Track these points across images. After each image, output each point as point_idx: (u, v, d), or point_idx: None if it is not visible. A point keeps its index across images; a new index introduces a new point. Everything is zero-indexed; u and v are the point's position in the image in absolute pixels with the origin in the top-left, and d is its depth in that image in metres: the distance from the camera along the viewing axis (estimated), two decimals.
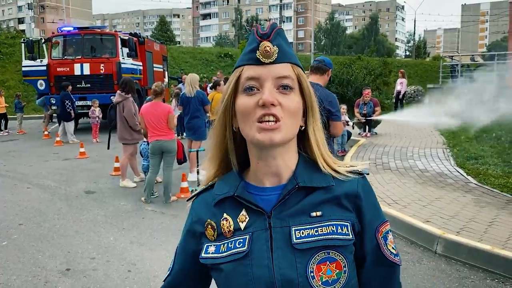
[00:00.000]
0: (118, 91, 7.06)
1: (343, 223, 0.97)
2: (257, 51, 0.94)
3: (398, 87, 16.44)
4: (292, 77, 0.96)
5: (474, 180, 6.49)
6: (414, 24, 61.73)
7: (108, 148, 7.94)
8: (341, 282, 0.93)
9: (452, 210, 5.12)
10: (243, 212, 0.99)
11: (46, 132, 13.64)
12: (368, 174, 1.05)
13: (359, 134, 11.51)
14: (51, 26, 67.21)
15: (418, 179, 6.65)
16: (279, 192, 0.98)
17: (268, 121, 0.91)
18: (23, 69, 14.81)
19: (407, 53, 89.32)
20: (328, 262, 0.93)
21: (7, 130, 14.87)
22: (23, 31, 54.70)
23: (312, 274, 0.92)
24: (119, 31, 16.29)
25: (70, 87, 12.88)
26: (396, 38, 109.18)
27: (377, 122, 11.72)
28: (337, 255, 0.94)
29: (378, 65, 21.53)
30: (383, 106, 18.17)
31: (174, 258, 1.13)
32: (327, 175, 0.99)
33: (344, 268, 0.94)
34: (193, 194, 1.11)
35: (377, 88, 19.09)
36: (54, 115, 15.16)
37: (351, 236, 0.96)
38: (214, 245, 1.00)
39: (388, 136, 11.31)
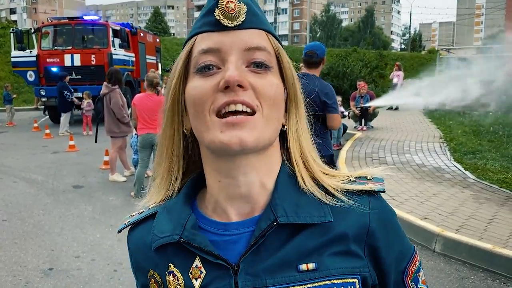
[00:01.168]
0: (105, 83, 6.83)
1: (349, 280, 0.64)
2: (216, 10, 0.63)
3: (395, 80, 16.28)
4: (268, 49, 0.65)
5: (472, 175, 6.35)
6: (410, 17, 61.63)
7: (96, 141, 7.72)
8: None
9: (451, 206, 4.97)
10: (197, 262, 0.66)
11: (35, 125, 13.37)
12: (383, 191, 0.71)
13: (355, 127, 11.36)
14: (44, 16, 66.49)
15: (416, 174, 6.50)
16: (251, 230, 0.65)
17: (236, 111, 0.61)
18: (12, 59, 14.53)
19: (403, 46, 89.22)
20: None
21: None
22: (15, 21, 54.03)
23: None
24: (111, 22, 16.01)
25: (68, 77, 12.63)
26: (391, 31, 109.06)
27: (373, 116, 11.56)
28: None
29: (374, 58, 21.35)
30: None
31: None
32: (323, 203, 0.66)
33: None
34: (125, 224, 0.76)
35: (373, 81, 18.95)
36: (42, 106, 14.92)
37: None
38: None
39: (385, 130, 11.16)
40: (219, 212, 0.68)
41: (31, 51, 14.14)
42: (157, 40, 20.16)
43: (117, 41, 14.29)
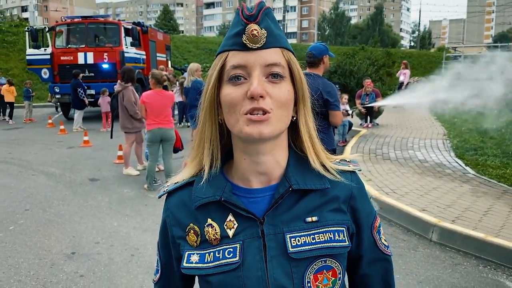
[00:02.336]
0: (119, 81, 7.15)
1: (339, 228, 0.91)
2: (243, 35, 0.84)
3: (401, 78, 16.43)
4: (282, 64, 0.86)
5: (472, 171, 6.58)
6: (419, 14, 61.38)
7: (111, 137, 8.05)
8: None
9: (449, 199, 5.22)
10: (230, 217, 0.90)
11: (50, 121, 13.76)
12: (360, 170, 1.00)
13: (361, 125, 11.58)
14: (55, 14, 67.14)
15: (417, 169, 6.74)
16: (270, 194, 0.90)
17: (257, 113, 0.83)
18: (27, 57, 14.89)
19: (412, 43, 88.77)
20: (325, 271, 0.89)
21: (7, 118, 14.98)
22: (27, 19, 54.60)
23: (309, 284, 0.87)
24: (123, 20, 16.32)
25: (81, 75, 12.94)
26: (401, 29, 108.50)
27: (379, 113, 11.78)
28: (334, 262, 0.90)
29: (381, 56, 21.48)
30: (387, 97, 18.21)
31: (159, 261, 1.06)
32: (322, 175, 0.92)
33: (339, 275, 0.91)
34: (166, 190, 0.99)
35: (380, 79, 19.11)
36: (57, 103, 15.29)
37: (347, 243, 0.91)
38: (197, 253, 0.92)
39: (390, 127, 11.38)
40: (244, 181, 0.93)
41: (45, 49, 14.52)
42: (167, 38, 20.49)
43: (128, 39, 14.61)
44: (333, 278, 0.90)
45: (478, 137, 9.17)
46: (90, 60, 14.11)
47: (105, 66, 13.99)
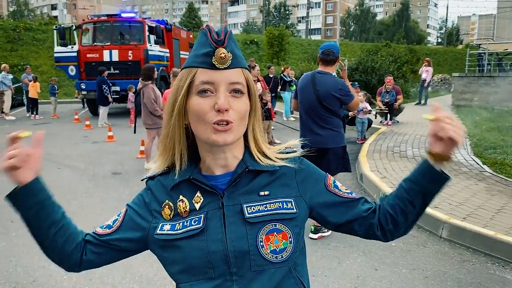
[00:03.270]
0: (140, 79, 7.39)
1: (287, 199, 1.09)
2: (213, 57, 1.00)
3: (423, 75, 16.25)
4: (242, 82, 1.03)
5: (489, 169, 6.54)
6: (447, 10, 60.14)
7: (135, 132, 8.29)
8: (287, 251, 1.05)
9: (462, 197, 5.23)
10: (198, 194, 1.09)
11: (76, 117, 14.20)
12: (295, 151, 1.17)
13: (381, 122, 11.56)
14: (83, 12, 68.58)
15: None
16: (229, 178, 1.09)
17: (222, 124, 0.99)
18: (55, 55, 15.34)
19: (439, 40, 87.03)
20: (275, 233, 1.04)
21: (36, 114, 15.50)
22: (56, 17, 55.99)
23: (261, 243, 1.03)
24: (147, 19, 16.64)
25: (106, 72, 13.30)
26: (427, 25, 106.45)
27: (399, 110, 11.72)
28: (283, 227, 1.05)
29: (404, 53, 21.24)
30: (409, 94, 18.05)
31: (123, 217, 1.18)
32: (272, 161, 1.12)
33: (290, 239, 1.06)
34: (148, 175, 1.18)
35: (403, 76, 18.91)
36: (82, 99, 15.72)
37: (295, 210, 1.08)
38: (169, 224, 1.09)
39: (409, 125, 11.32)
40: (209, 171, 1.11)
41: (72, 47, 14.96)
42: (191, 36, 20.77)
43: (152, 37, 14.89)
44: (284, 241, 1.05)
45: (499, 136, 9.06)
46: (115, 57, 14.46)
47: (130, 63, 14.32)
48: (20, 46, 26.91)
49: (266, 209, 1.06)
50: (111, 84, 13.40)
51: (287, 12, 79.21)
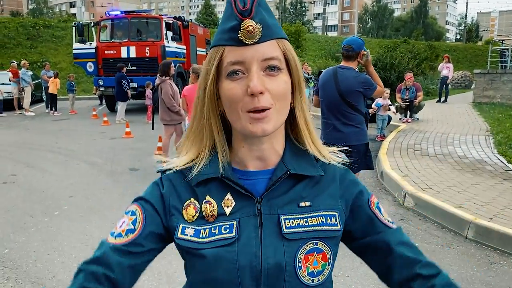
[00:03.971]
0: (158, 75, 7.37)
1: (332, 213, 0.94)
2: (239, 32, 0.85)
3: (444, 72, 15.92)
4: (279, 56, 0.87)
5: None
6: (466, 6, 59.07)
7: (153, 128, 8.29)
8: (324, 274, 0.92)
9: (487, 196, 5.08)
10: (229, 196, 0.92)
11: (94, 113, 14.30)
12: (349, 162, 1.02)
13: (400, 119, 11.36)
14: (101, 9, 69.24)
15: (456, 165, 6.58)
16: (266, 177, 0.93)
17: (258, 111, 0.85)
18: (74, 51, 15.49)
19: (458, 36, 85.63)
20: (315, 253, 0.91)
21: (55, 111, 15.67)
22: (74, 14, 56.65)
23: (299, 264, 0.89)
24: (164, 15, 16.68)
25: (124, 68, 13.31)
26: (446, 21, 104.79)
27: (419, 108, 11.51)
28: (324, 246, 0.92)
29: (423, 49, 20.90)
30: (428, 91, 17.77)
31: (143, 214, 0.95)
32: (315, 162, 0.96)
33: (329, 260, 0.93)
34: (166, 167, 0.99)
35: (422, 73, 18.62)
36: (99, 95, 15.85)
37: (339, 227, 0.94)
38: (192, 228, 0.91)
39: (430, 122, 11.11)
40: (241, 165, 0.96)
41: (90, 44, 15.07)
42: (207, 32, 20.76)
43: (169, 34, 14.91)
44: (322, 262, 0.91)
45: None
46: (133, 54, 14.53)
47: (147, 60, 14.36)
48: (40, 43, 27.26)
49: (307, 224, 0.91)
50: (130, 80, 13.43)
51: (303, 8, 78.81)
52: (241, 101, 0.85)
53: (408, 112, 11.34)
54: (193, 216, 0.92)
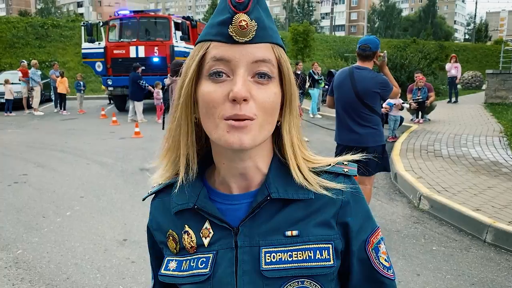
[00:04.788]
0: (169, 75, 7.35)
1: (323, 245, 0.79)
2: (230, 26, 0.73)
3: (453, 72, 15.75)
4: (272, 61, 0.75)
5: None
6: (476, 6, 58.64)
7: (163, 128, 8.28)
8: None
9: (505, 199, 4.98)
10: (207, 225, 0.82)
11: (103, 112, 14.31)
12: (355, 175, 0.86)
13: (412, 120, 11.25)
14: (108, 9, 69.55)
15: (471, 167, 6.48)
16: (249, 201, 0.81)
17: (238, 119, 0.72)
18: (83, 51, 15.49)
19: (467, 36, 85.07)
20: None
21: (64, 109, 15.73)
22: (82, 14, 56.93)
23: None
24: (172, 15, 16.66)
25: (140, 69, 13.15)
26: (455, 21, 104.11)
27: (431, 108, 11.39)
28: (313, 284, 0.79)
29: (434, 49, 20.73)
30: (439, 91, 17.60)
31: (152, 268, 0.99)
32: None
33: None
34: (149, 192, 0.93)
35: (432, 73, 18.46)
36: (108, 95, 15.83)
37: (332, 262, 0.79)
38: (175, 260, 0.86)
39: (442, 123, 10.99)
40: (224, 186, 0.84)
41: (99, 43, 15.08)
42: None
43: (178, 33, 14.88)
44: None
45: None
46: (142, 53, 14.50)
47: (156, 59, 14.34)
48: (48, 42, 27.40)
49: (292, 259, 0.77)
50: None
51: (311, 8, 78.65)
52: (220, 107, 0.73)
53: (420, 113, 11.22)
54: (174, 248, 0.86)
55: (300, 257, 0.78)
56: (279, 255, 0.78)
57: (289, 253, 0.78)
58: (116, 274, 3.66)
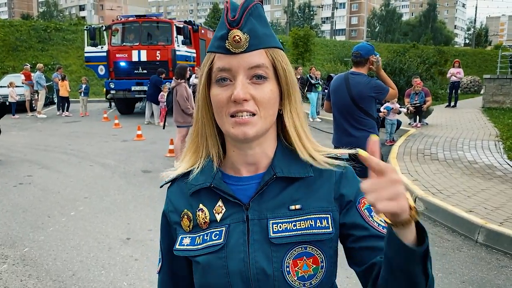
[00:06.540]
0: (174, 77, 7.52)
1: (323, 215, 0.92)
2: (227, 41, 0.88)
3: (457, 76, 15.71)
4: (265, 64, 0.90)
5: None
6: (476, 11, 58.89)
7: (164, 128, 8.44)
8: (317, 277, 0.91)
9: (498, 201, 5.12)
10: (220, 203, 0.96)
11: (105, 115, 14.47)
12: (348, 160, 0.99)
13: (409, 124, 11.40)
14: (110, 13, 69.82)
15: (466, 170, 6.62)
16: (257, 182, 0.95)
17: (242, 116, 0.88)
18: (85, 55, 15.65)
19: (467, 41, 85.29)
20: (305, 257, 0.90)
21: (66, 111, 15.90)
22: (84, 17, 57.20)
23: (287, 269, 0.89)
24: (173, 19, 16.82)
25: (163, 74, 13.28)
26: (455, 26, 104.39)
27: (428, 112, 11.54)
28: (315, 250, 0.90)
29: (433, 54, 20.89)
30: (437, 96, 17.75)
31: (161, 251, 1.09)
32: (307, 164, 0.95)
33: (322, 264, 0.91)
34: (167, 180, 1.06)
35: (431, 78, 18.60)
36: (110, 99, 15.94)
37: (331, 229, 0.92)
38: (189, 237, 0.97)
39: (439, 127, 11.14)
40: (235, 170, 0.99)
41: (102, 47, 15.24)
42: None
43: (180, 38, 15.04)
44: (314, 266, 0.90)
45: None
46: (144, 57, 14.66)
47: (157, 63, 14.51)
48: (51, 46, 27.58)
49: (295, 228, 0.90)
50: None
51: (312, 12, 78.90)
52: (226, 106, 0.89)
53: (417, 117, 11.37)
54: (188, 226, 0.98)
55: (303, 225, 0.90)
56: (284, 225, 0.91)
57: (293, 223, 0.91)
58: (120, 271, 3.80)
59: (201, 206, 0.97)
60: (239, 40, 0.87)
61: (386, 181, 0.68)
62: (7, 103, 14.70)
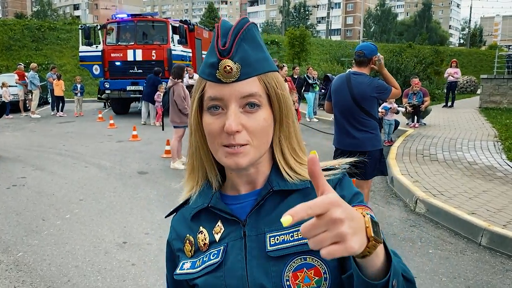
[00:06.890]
0: (170, 77, 7.41)
1: None
2: (217, 70, 0.84)
3: (455, 76, 15.66)
4: (258, 93, 0.86)
5: None
6: (470, 11, 59.08)
7: (163, 129, 8.32)
8: None
9: (500, 203, 5.06)
10: (219, 223, 0.94)
11: (100, 115, 14.33)
12: (344, 169, 0.95)
13: (407, 124, 11.35)
14: (104, 12, 69.51)
15: (466, 171, 6.56)
16: (254, 198, 0.93)
17: (234, 147, 0.85)
18: (80, 54, 15.51)
19: (461, 41, 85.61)
20: (305, 269, 0.85)
21: (61, 111, 15.75)
22: (78, 17, 56.90)
23: (288, 283, 0.85)
24: (169, 18, 16.70)
25: (160, 74, 13.12)
26: (450, 26, 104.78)
27: (426, 113, 11.50)
28: (315, 260, 0.85)
29: (429, 54, 20.88)
30: (434, 96, 17.73)
31: (167, 282, 1.08)
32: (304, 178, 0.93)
33: (325, 275, 0.85)
34: (171, 210, 1.06)
35: (428, 78, 18.59)
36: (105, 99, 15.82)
37: None
38: (190, 261, 0.95)
39: (437, 127, 11.10)
40: (234, 190, 0.97)
41: (97, 47, 15.10)
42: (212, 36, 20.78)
43: (176, 37, 14.92)
44: (316, 278, 0.85)
45: None
46: (139, 57, 14.54)
47: (153, 63, 14.38)
48: (45, 45, 27.37)
49: (293, 238, 0.86)
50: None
51: (307, 12, 78.89)
52: (218, 136, 0.86)
53: (415, 117, 11.33)
54: (190, 251, 0.96)
55: (300, 235, 0.85)
56: (281, 237, 0.87)
57: (290, 234, 0.87)
58: (117, 276, 3.70)
59: (201, 228, 0.96)
60: (230, 70, 0.83)
61: (327, 222, 0.59)
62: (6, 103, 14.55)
